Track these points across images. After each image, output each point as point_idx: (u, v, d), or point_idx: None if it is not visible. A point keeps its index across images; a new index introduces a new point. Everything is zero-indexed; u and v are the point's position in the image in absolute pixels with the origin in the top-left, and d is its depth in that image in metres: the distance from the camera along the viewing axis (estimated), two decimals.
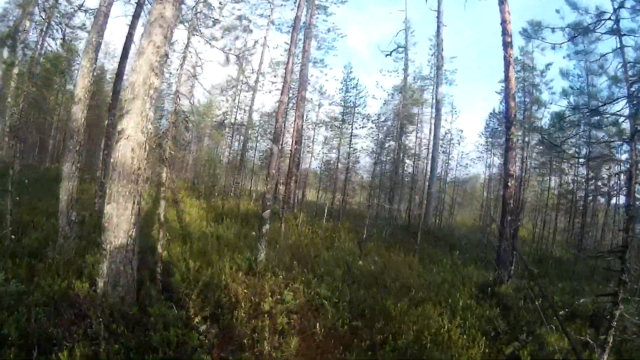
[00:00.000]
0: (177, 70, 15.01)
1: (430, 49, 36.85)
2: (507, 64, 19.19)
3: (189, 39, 14.38)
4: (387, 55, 37.49)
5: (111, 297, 9.24)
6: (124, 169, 9.47)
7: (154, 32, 9.83)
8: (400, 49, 37.34)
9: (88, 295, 9.60)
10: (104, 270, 9.56)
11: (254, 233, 20.68)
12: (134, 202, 9.75)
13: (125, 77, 22.78)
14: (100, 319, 8.35)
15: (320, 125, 45.12)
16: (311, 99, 41.33)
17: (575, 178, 36.45)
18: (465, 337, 11.35)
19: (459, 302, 14.35)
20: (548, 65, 36.56)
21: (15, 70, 25.37)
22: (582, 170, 35.90)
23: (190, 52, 14.62)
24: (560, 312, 12.16)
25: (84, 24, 24.42)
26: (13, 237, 13.89)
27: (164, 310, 9.46)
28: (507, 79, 19.26)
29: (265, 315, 10.72)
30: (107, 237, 9.55)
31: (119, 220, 9.53)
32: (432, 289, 15.78)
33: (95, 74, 16.02)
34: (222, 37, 18.36)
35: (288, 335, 9.84)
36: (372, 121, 40.17)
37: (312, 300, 12.63)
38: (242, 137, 47.39)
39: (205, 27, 16.73)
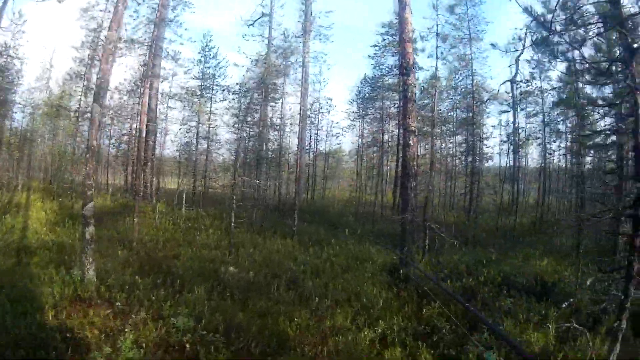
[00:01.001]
0: None
1: (303, 3, 32.89)
2: (402, 3, 15.77)
3: None
4: (249, 25, 32.77)
5: None
6: None
7: None
8: (266, 17, 32.92)
9: None
10: None
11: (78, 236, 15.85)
12: None
13: None
14: None
15: (175, 99, 39.59)
16: (163, 67, 35.69)
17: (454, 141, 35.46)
18: (399, 350, 7.76)
19: (376, 298, 10.70)
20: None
21: None
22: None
23: None
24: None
25: None
26: None
27: None
28: (402, 21, 15.99)
29: None
30: None
31: None
32: (333, 283, 11.94)
33: None
34: None
35: None
36: (233, 92, 36.02)
37: (169, 338, 8.09)
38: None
39: None
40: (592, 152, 20.90)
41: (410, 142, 15.24)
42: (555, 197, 34.35)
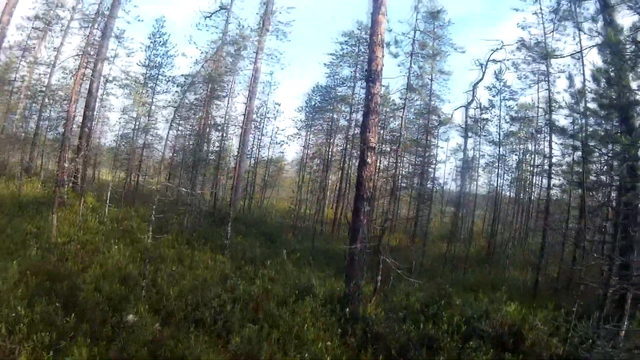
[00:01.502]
0: None
1: None
2: (377, 2, 13.85)
3: None
4: (206, 17, 30.45)
5: None
6: None
7: None
8: (224, 9, 30.54)
9: None
10: None
11: None
12: None
13: None
14: None
15: (114, 83, 36.60)
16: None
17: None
18: None
19: (320, 350, 8.68)
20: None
21: None
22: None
23: None
24: None
25: None
26: None
27: None
28: (375, 22, 13.96)
29: None
30: None
31: None
32: (268, 326, 9.67)
33: None
34: None
35: None
36: (177, 84, 33.73)
37: None
38: (38, 104, 37.15)
39: None
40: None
41: (368, 159, 13.30)
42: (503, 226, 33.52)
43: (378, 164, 29.47)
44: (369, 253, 13.06)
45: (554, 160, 22.32)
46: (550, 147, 21.98)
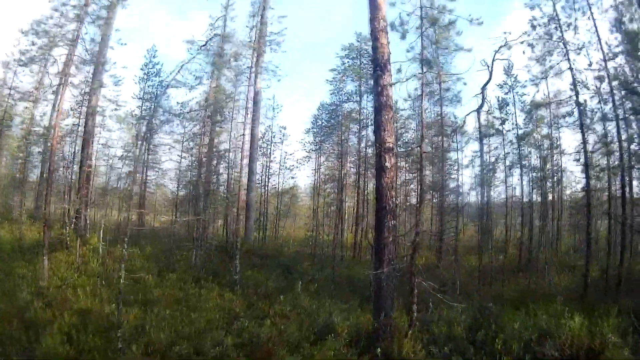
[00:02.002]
0: None
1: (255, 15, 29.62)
2: None
3: None
4: (201, 46, 29.36)
5: None
6: None
7: None
8: (218, 36, 29.43)
9: None
10: None
11: None
12: None
13: None
14: None
15: (98, 114, 35.03)
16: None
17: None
18: None
19: None
20: None
21: None
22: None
23: None
24: None
25: None
26: None
27: None
28: (374, 7, 12.44)
29: None
30: None
31: None
32: None
33: None
34: None
35: None
36: (174, 115, 32.41)
37: None
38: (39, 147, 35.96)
39: None
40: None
41: (387, 163, 11.38)
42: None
43: (420, 170, 27.66)
44: (397, 276, 11.03)
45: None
46: (582, 133, 19.86)
